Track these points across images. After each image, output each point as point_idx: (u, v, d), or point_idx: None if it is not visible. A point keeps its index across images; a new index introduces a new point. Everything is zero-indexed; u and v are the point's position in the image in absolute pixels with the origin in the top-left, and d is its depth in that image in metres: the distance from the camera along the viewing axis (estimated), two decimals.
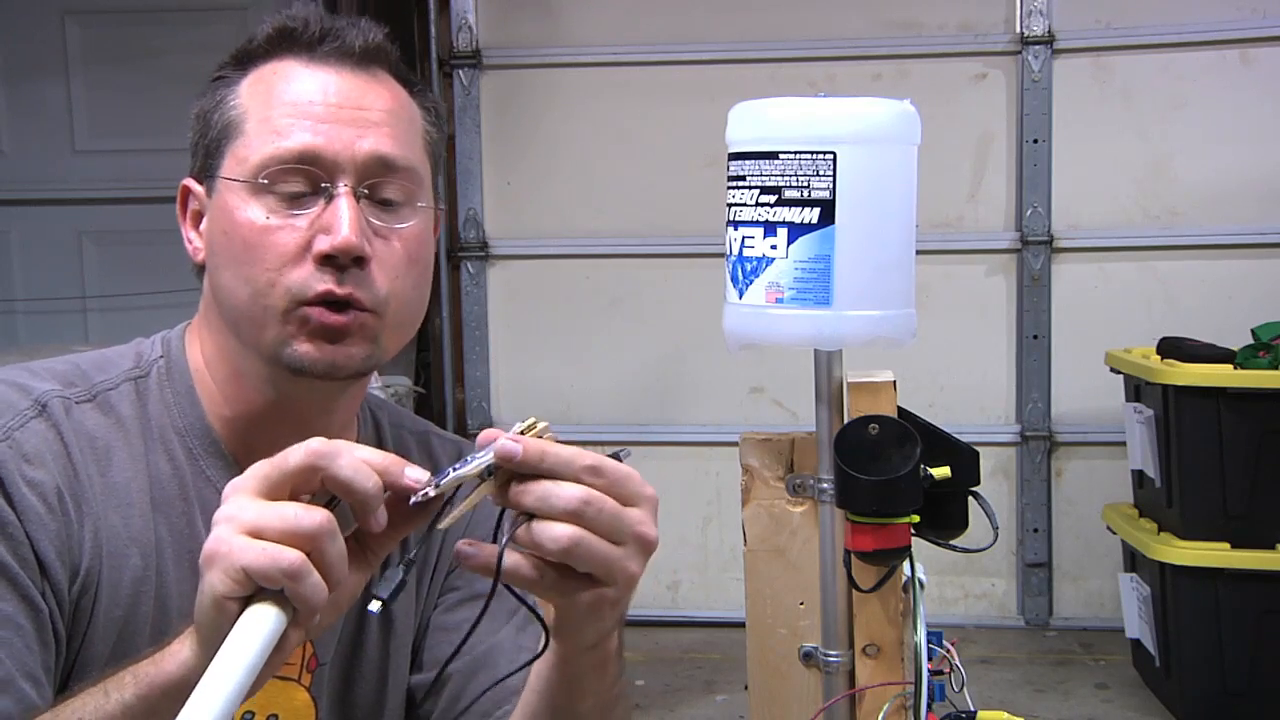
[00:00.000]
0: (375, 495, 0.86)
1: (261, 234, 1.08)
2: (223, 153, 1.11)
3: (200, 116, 1.15)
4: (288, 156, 1.08)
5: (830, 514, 1.18)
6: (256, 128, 1.10)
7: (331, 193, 1.08)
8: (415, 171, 1.13)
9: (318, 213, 1.08)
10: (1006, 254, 4.14)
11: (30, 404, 1.07)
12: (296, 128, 1.08)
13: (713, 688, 3.68)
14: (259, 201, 1.08)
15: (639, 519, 0.91)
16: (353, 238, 1.06)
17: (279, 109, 1.09)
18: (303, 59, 1.11)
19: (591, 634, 0.98)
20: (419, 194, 1.13)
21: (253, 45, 1.14)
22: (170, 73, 4.38)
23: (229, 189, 1.10)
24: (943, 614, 4.08)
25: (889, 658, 1.19)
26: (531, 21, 4.26)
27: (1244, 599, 3.22)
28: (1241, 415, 3.18)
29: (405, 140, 1.12)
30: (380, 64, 1.14)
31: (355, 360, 1.10)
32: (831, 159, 1.10)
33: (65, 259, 4.49)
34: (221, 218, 1.11)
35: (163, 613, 1.09)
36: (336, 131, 1.09)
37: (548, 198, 4.27)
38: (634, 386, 4.28)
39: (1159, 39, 4.01)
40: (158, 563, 1.09)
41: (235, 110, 1.12)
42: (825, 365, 1.17)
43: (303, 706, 1.18)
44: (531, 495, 0.88)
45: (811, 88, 3.98)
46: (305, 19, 1.12)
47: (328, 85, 1.10)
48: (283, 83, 1.11)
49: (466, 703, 1.19)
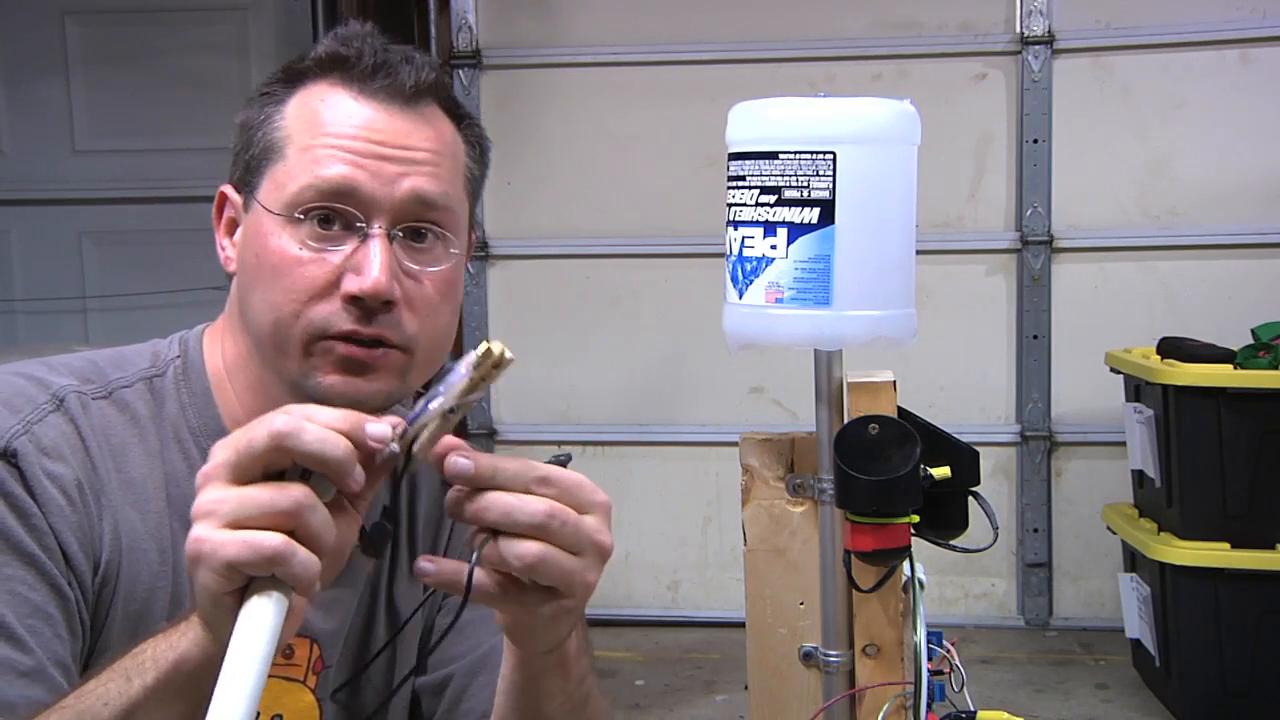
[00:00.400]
0: (348, 460, 0.85)
1: (292, 265, 1.07)
2: (262, 173, 1.11)
3: (244, 128, 1.14)
4: (326, 189, 1.07)
5: (830, 514, 1.18)
6: (297, 155, 1.09)
7: (366, 232, 1.08)
8: (453, 211, 1.12)
9: (350, 250, 1.08)
10: (1006, 254, 4.14)
11: (49, 398, 1.08)
12: (335, 159, 1.08)
13: (713, 688, 3.68)
14: (293, 232, 1.08)
15: (595, 528, 0.90)
16: (383, 280, 1.06)
17: (321, 139, 1.09)
18: (353, 89, 1.10)
19: (548, 640, 0.98)
20: (454, 234, 1.12)
21: (304, 64, 1.13)
22: (170, 73, 4.38)
23: (265, 215, 1.10)
24: (943, 614, 4.08)
25: (889, 658, 1.19)
26: (531, 21, 4.26)
27: (1244, 599, 3.22)
28: (1241, 415, 3.18)
29: (446, 179, 1.12)
30: (430, 99, 1.13)
31: (379, 396, 1.09)
32: (831, 159, 1.10)
33: (65, 259, 4.49)
34: (255, 240, 1.11)
35: (179, 609, 1.09)
36: (377, 168, 1.08)
37: (548, 198, 4.27)
38: (634, 386, 4.28)
39: (1159, 39, 4.01)
40: (174, 560, 1.10)
41: (279, 131, 1.11)
42: (825, 365, 1.17)
43: (307, 708, 1.18)
44: (494, 511, 0.87)
45: (811, 88, 3.98)
46: (360, 48, 1.11)
47: (374, 121, 1.09)
48: (329, 111, 1.10)
49: (468, 704, 1.20)
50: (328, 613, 1.18)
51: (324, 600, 1.18)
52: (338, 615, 1.19)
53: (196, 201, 4.92)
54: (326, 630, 1.18)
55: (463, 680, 1.21)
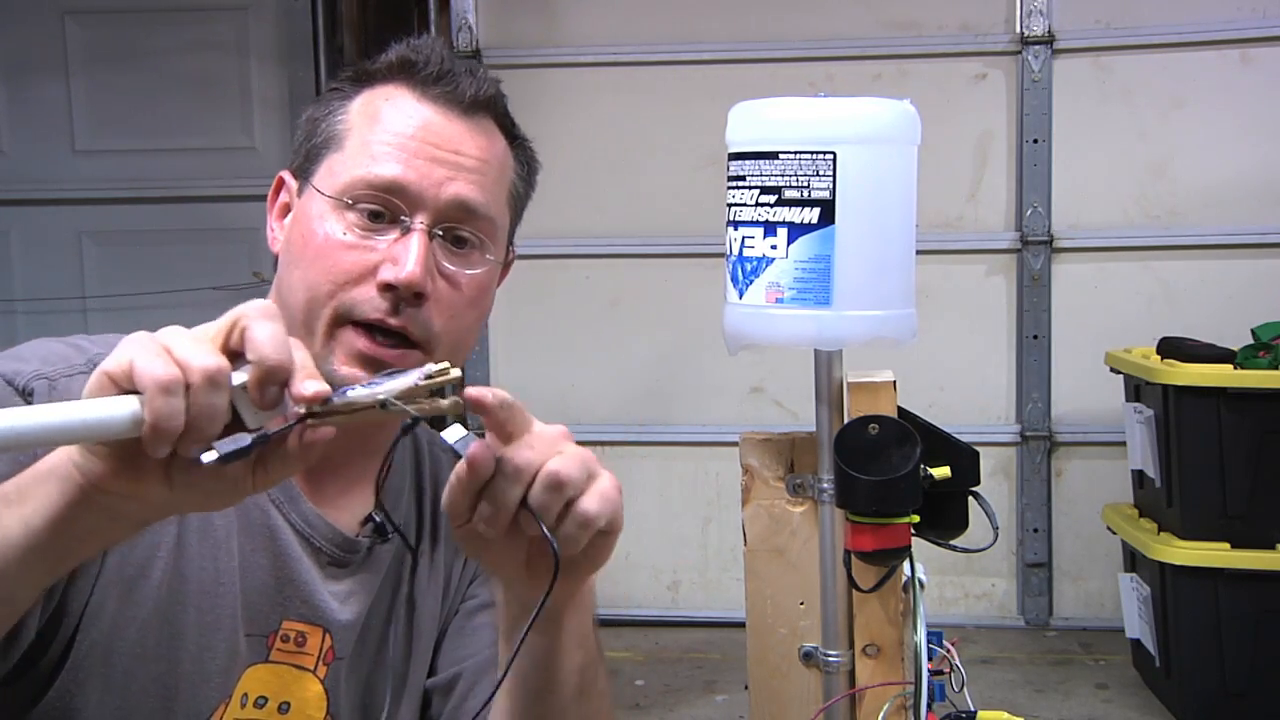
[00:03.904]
0: (275, 366, 0.83)
1: (335, 248, 1.12)
2: (320, 160, 1.16)
3: (310, 120, 1.19)
4: (376, 182, 1.12)
5: (830, 514, 1.18)
6: (355, 147, 1.14)
7: (408, 226, 1.12)
8: (494, 221, 1.17)
9: (392, 242, 1.12)
10: (1006, 254, 4.14)
11: (85, 361, 1.10)
12: (391, 157, 1.13)
13: (713, 688, 3.68)
14: (341, 218, 1.13)
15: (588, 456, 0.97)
16: (418, 271, 1.10)
17: (379, 135, 1.14)
18: (416, 93, 1.16)
19: (599, 563, 1.00)
20: (492, 243, 1.18)
21: (374, 66, 1.19)
22: (170, 73, 4.38)
23: (316, 197, 1.14)
24: (943, 614, 4.08)
25: (889, 658, 1.19)
26: (531, 21, 4.26)
27: (1244, 599, 3.22)
28: (1241, 415, 3.18)
29: (491, 190, 1.17)
30: (487, 113, 1.18)
31: None
32: (831, 159, 1.10)
33: (65, 259, 4.49)
34: (303, 221, 1.15)
35: (180, 581, 1.10)
36: (427, 169, 1.13)
37: (548, 198, 4.21)
38: (634, 386, 4.28)
39: (1159, 39, 4.01)
40: (179, 533, 1.10)
41: (342, 125, 1.16)
42: (825, 365, 1.17)
43: (314, 697, 1.18)
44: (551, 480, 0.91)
45: (811, 88, 3.98)
46: (428, 56, 1.16)
47: (431, 123, 1.14)
48: (391, 111, 1.15)
49: (472, 702, 1.20)
50: (344, 605, 1.19)
51: (340, 592, 1.19)
52: (353, 607, 1.19)
53: (197, 201, 4.94)
54: (341, 621, 1.18)
55: (470, 679, 1.22)
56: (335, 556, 1.18)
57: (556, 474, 0.92)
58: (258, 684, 1.15)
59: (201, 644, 1.11)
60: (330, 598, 1.18)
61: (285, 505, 1.16)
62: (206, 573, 1.11)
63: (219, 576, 1.12)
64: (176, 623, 1.10)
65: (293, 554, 1.16)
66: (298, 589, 1.16)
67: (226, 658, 1.13)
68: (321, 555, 1.18)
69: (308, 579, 1.16)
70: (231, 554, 1.13)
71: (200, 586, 1.11)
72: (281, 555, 1.15)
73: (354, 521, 1.20)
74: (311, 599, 1.17)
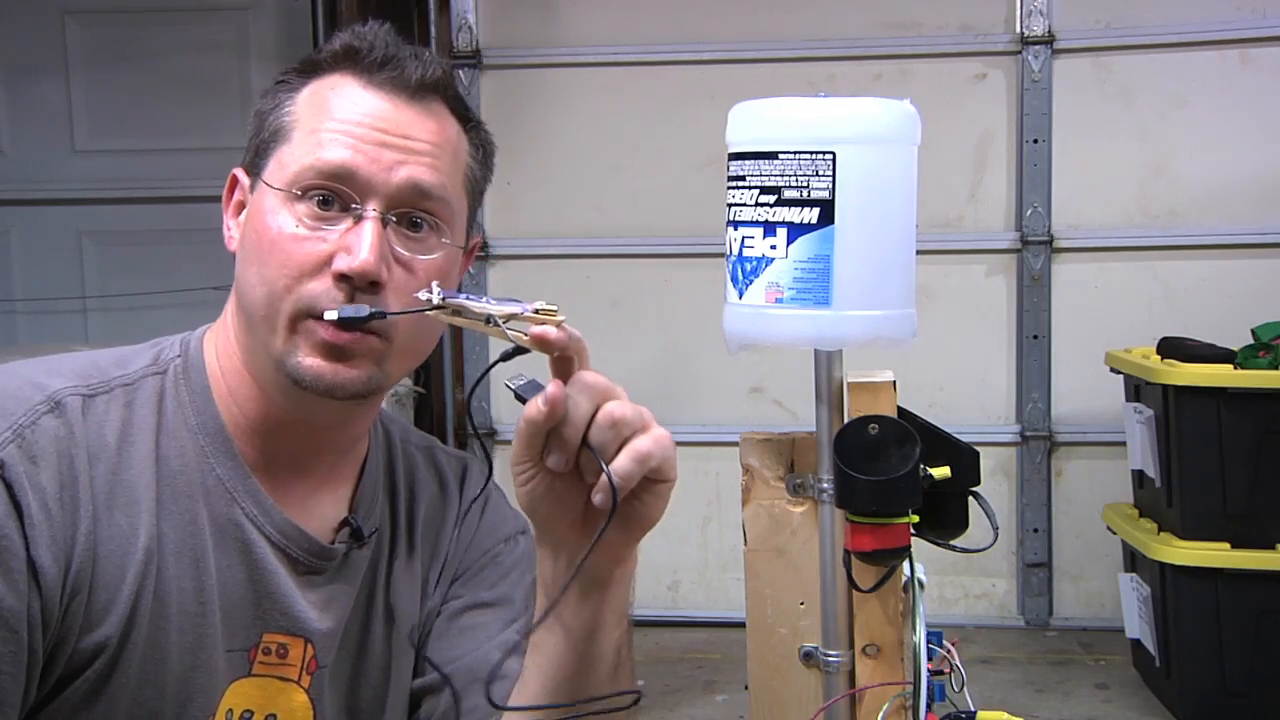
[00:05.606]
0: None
1: (288, 241, 1.11)
2: (270, 154, 1.15)
3: (259, 115, 1.18)
4: (323, 169, 1.11)
5: (830, 514, 1.18)
6: (302, 137, 1.13)
7: (360, 214, 1.11)
8: (449, 204, 1.16)
9: (344, 231, 1.11)
10: (1006, 254, 4.14)
11: (44, 399, 1.08)
12: (338, 143, 1.12)
13: (713, 688, 3.68)
14: (291, 210, 1.11)
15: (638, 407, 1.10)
16: (371, 260, 1.09)
17: (326, 123, 1.13)
18: (361, 79, 1.15)
19: (654, 518, 1.08)
20: (449, 227, 1.16)
21: (319, 56, 1.18)
22: (170, 73, 4.38)
23: (267, 192, 1.13)
24: (943, 614, 4.08)
25: (889, 658, 1.19)
26: (531, 21, 4.26)
27: (1244, 599, 3.22)
28: (1241, 415, 3.18)
29: (445, 172, 1.15)
30: (436, 96, 1.16)
31: (356, 382, 1.11)
32: (831, 159, 1.10)
33: (65, 259, 4.49)
34: (256, 217, 1.14)
35: (161, 606, 1.09)
36: (376, 153, 1.12)
37: (548, 198, 4.27)
38: (634, 386, 4.20)
39: (1159, 39, 4.01)
40: (159, 558, 1.10)
41: (289, 117, 1.15)
42: (825, 365, 1.17)
43: (300, 708, 1.18)
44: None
45: (811, 88, 3.98)
46: (372, 42, 1.15)
47: (378, 110, 1.13)
48: (337, 99, 1.14)
49: (468, 703, 1.20)
50: (323, 613, 1.18)
51: (320, 600, 1.18)
52: (333, 615, 1.19)
53: (196, 201, 4.96)
54: (321, 630, 1.18)
55: (462, 682, 1.21)
56: (311, 565, 1.18)
57: (614, 413, 1.03)
58: (243, 698, 1.15)
59: (185, 664, 1.11)
60: (309, 607, 1.17)
61: (258, 517, 1.15)
62: (186, 593, 1.11)
63: (198, 595, 1.12)
64: (161, 646, 1.10)
65: (269, 566, 1.15)
66: (276, 601, 1.15)
67: (209, 675, 1.12)
68: (298, 565, 1.17)
69: (285, 590, 1.16)
70: (209, 571, 1.12)
71: (181, 607, 1.10)
72: (257, 568, 1.15)
73: (325, 525, 1.20)
74: (290, 610, 1.16)
